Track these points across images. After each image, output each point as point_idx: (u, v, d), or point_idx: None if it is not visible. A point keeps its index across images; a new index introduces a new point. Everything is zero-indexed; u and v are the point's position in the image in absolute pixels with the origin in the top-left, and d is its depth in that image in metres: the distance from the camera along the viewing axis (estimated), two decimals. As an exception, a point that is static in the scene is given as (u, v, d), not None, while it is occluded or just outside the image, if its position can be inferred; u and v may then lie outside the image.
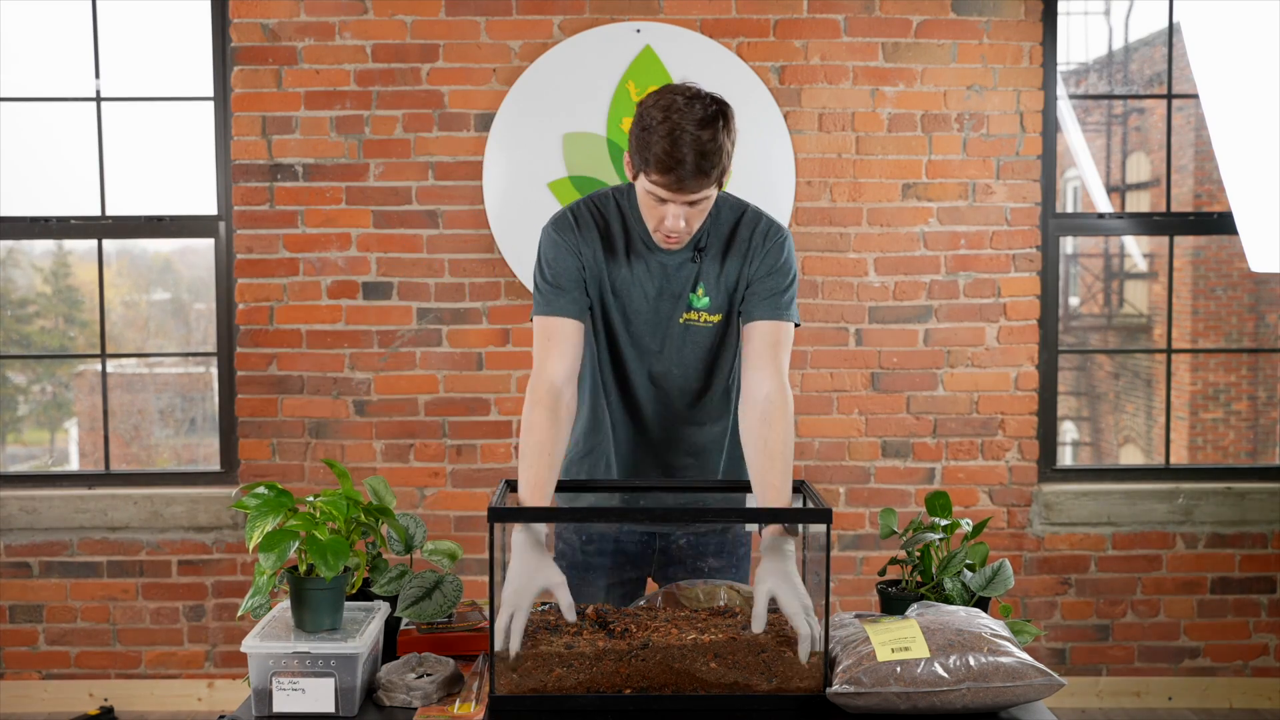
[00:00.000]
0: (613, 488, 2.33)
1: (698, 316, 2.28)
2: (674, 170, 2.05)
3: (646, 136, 2.07)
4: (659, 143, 2.05)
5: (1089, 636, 4.22)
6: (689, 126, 2.04)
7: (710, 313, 2.28)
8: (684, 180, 2.06)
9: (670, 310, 2.28)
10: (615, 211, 2.28)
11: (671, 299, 2.28)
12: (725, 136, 2.08)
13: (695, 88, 2.11)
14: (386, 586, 2.12)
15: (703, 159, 2.05)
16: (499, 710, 1.83)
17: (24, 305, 10.96)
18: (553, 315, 2.23)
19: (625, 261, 2.27)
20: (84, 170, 4.30)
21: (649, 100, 2.12)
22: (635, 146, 2.12)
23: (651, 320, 2.29)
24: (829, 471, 4.15)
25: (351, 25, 4.06)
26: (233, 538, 4.14)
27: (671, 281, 2.27)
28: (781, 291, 2.25)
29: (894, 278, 4.12)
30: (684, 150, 2.04)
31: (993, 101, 4.08)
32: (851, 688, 1.80)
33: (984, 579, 2.13)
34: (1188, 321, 10.27)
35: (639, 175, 2.14)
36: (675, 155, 2.04)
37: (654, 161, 2.06)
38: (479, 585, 3.64)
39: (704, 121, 2.05)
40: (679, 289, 2.27)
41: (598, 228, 2.27)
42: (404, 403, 4.13)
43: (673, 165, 2.05)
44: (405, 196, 4.09)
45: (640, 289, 2.27)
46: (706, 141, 2.05)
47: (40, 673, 4.19)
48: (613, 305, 2.29)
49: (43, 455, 11.41)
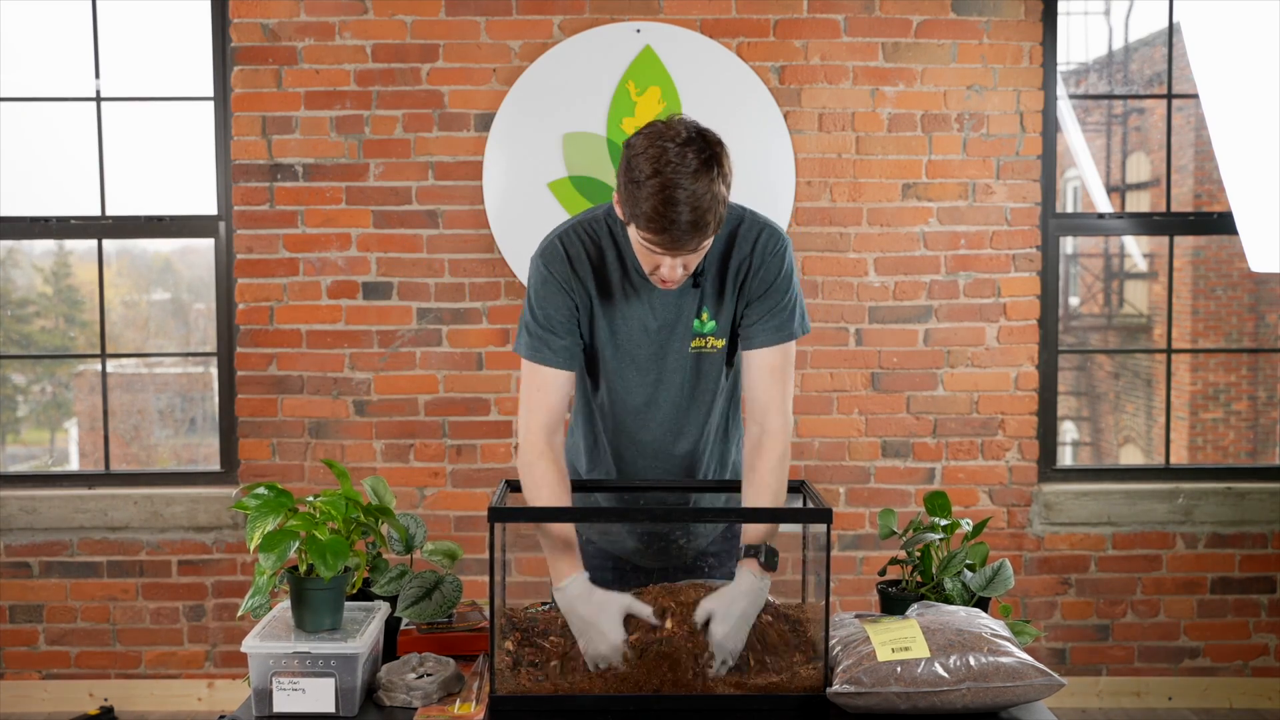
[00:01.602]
0: (613, 488, 2.32)
1: (705, 343, 2.18)
2: (668, 231, 1.91)
3: (636, 191, 1.93)
4: (650, 200, 1.90)
5: (1089, 636, 4.22)
6: (683, 182, 1.89)
7: (717, 337, 2.18)
8: (679, 240, 1.93)
9: (668, 339, 2.18)
10: (609, 239, 2.15)
11: (673, 329, 2.17)
12: (720, 183, 1.94)
13: (685, 130, 1.95)
14: (386, 586, 2.12)
15: (698, 216, 1.91)
16: (499, 710, 1.83)
17: (24, 305, 10.96)
18: (542, 365, 2.14)
19: (621, 293, 2.15)
20: (84, 170, 4.30)
21: (637, 146, 1.95)
22: (625, 198, 1.97)
23: (654, 353, 2.19)
24: (829, 471, 4.15)
25: (351, 25, 4.06)
26: (233, 538, 4.14)
27: (673, 310, 2.16)
28: (782, 309, 2.15)
29: (894, 278, 4.12)
30: (679, 210, 1.89)
31: (993, 101, 4.08)
32: (852, 688, 1.80)
33: (984, 579, 2.13)
34: (1188, 321, 10.27)
35: (630, 225, 2.00)
36: (669, 216, 1.90)
37: (645, 220, 1.93)
38: (479, 585, 3.64)
39: (697, 174, 1.90)
40: (682, 317, 2.16)
41: (590, 259, 2.14)
42: (404, 403, 4.13)
43: (667, 226, 1.91)
44: (405, 196, 4.09)
45: (639, 322, 2.17)
46: (702, 196, 1.90)
47: (40, 673, 4.19)
48: (607, 340, 2.19)
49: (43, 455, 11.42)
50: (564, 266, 2.14)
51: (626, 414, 2.26)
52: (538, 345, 2.15)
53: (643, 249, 2.01)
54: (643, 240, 1.97)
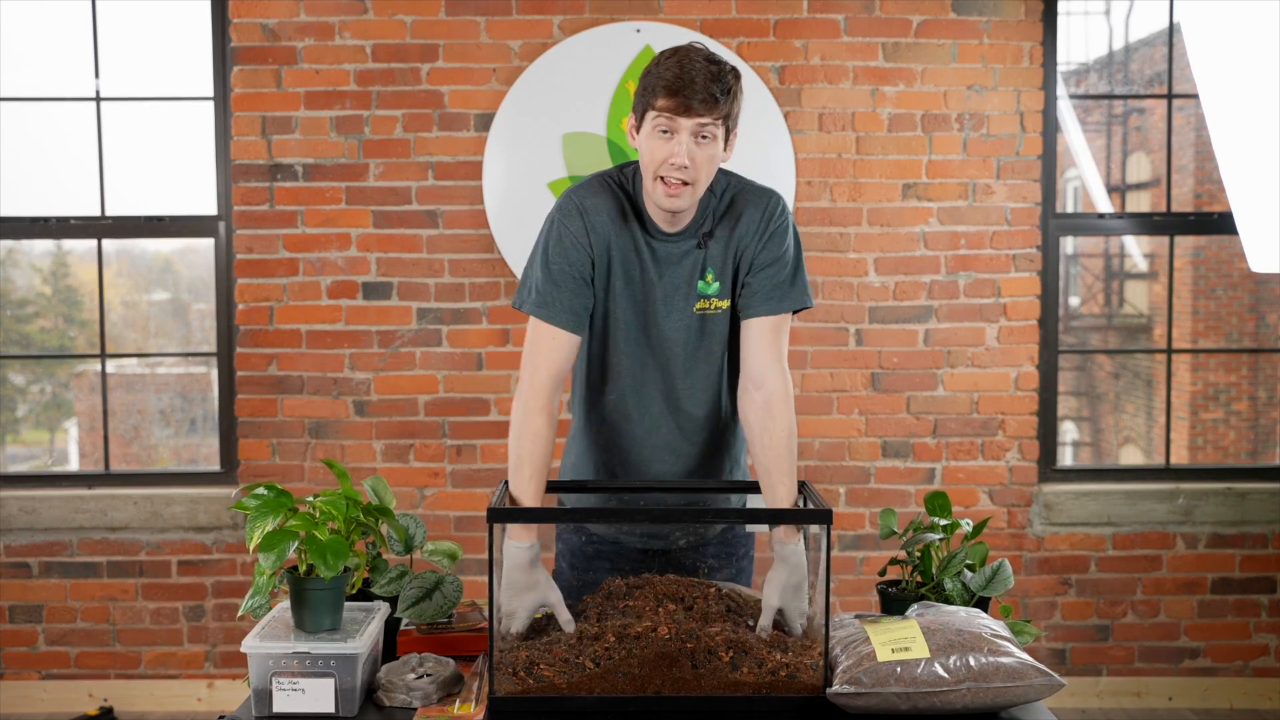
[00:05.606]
0: (613, 488, 2.32)
1: (709, 304, 2.21)
2: (683, 91, 2.02)
3: (654, 69, 2.07)
4: (668, 69, 2.04)
5: (1089, 636, 4.22)
6: (698, 59, 2.05)
7: (720, 298, 2.21)
8: (692, 100, 2.03)
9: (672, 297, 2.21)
10: (623, 195, 2.20)
11: (677, 288, 2.21)
12: (734, 81, 2.07)
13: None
14: (386, 587, 2.11)
15: (712, 81, 2.03)
16: (499, 710, 1.83)
17: (24, 305, 10.95)
18: (549, 324, 2.16)
19: (633, 252, 2.19)
20: (84, 170, 4.30)
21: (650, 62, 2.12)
22: (641, 88, 2.09)
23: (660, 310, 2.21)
24: (829, 472, 4.15)
25: (351, 25, 4.06)
26: (233, 538, 4.14)
27: (678, 270, 2.20)
28: (783, 281, 2.19)
29: (894, 278, 4.11)
30: (694, 73, 2.02)
31: (993, 101, 4.08)
32: (852, 688, 1.79)
33: (984, 579, 2.13)
34: (1188, 321, 10.27)
35: (645, 113, 2.09)
36: (684, 76, 2.02)
37: (661, 86, 2.04)
38: (479, 585, 3.64)
39: (712, 58, 2.07)
40: (687, 278, 2.20)
41: (607, 214, 2.18)
42: (404, 403, 4.13)
43: (682, 85, 2.02)
44: (405, 196, 4.09)
45: (647, 278, 2.20)
46: (714, 68, 2.04)
47: (40, 673, 4.19)
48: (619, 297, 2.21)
49: (42, 455, 11.41)
50: (579, 222, 2.18)
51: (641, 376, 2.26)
52: (545, 299, 2.16)
53: (654, 138, 2.07)
54: (657, 114, 2.05)
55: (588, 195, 2.20)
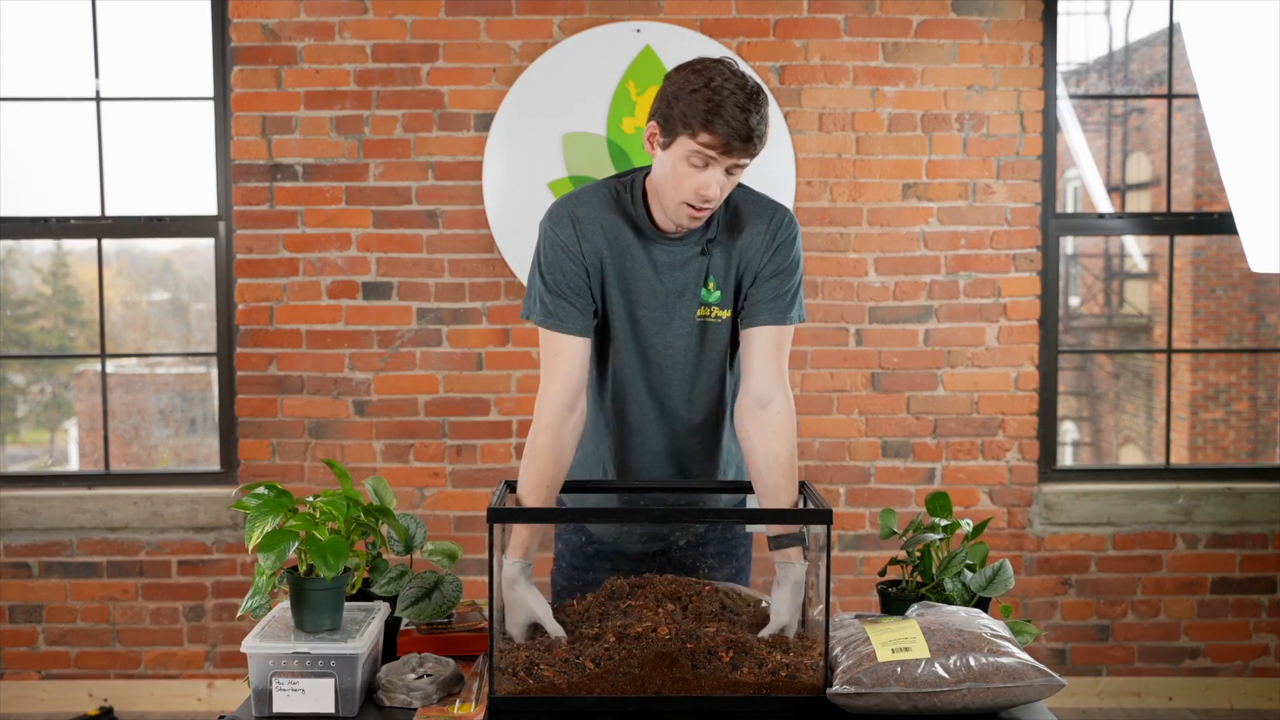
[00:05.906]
0: (613, 488, 2.32)
1: (710, 312, 2.20)
2: (727, 133, 1.99)
3: (689, 99, 2.00)
4: (706, 98, 1.99)
5: (1089, 636, 4.22)
6: (739, 92, 2.00)
7: (721, 307, 2.20)
8: (734, 142, 2.00)
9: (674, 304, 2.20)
10: (617, 204, 2.18)
11: (679, 295, 2.20)
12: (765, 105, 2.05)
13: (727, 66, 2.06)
14: (386, 587, 2.11)
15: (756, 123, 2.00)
16: (499, 710, 1.83)
17: (23, 305, 10.96)
18: (557, 332, 2.16)
19: (630, 258, 2.18)
20: (84, 170, 4.30)
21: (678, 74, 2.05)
22: (677, 111, 2.02)
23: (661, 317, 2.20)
24: (829, 472, 4.15)
25: (351, 25, 4.06)
26: (233, 538, 4.14)
27: (680, 277, 2.19)
28: (786, 293, 2.18)
29: (894, 278, 4.11)
30: (737, 111, 1.98)
31: (993, 101, 4.08)
32: (852, 688, 1.79)
33: (984, 579, 2.13)
34: (1188, 321, 10.27)
35: (678, 139, 2.04)
36: (729, 119, 1.98)
37: (701, 121, 1.99)
38: (479, 585, 3.64)
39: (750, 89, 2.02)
40: (689, 285, 2.19)
41: (599, 223, 2.17)
42: (404, 403, 4.13)
43: (728, 129, 1.99)
44: (405, 196, 4.09)
45: (647, 285, 2.19)
46: (756, 98, 2.01)
47: (40, 673, 4.19)
48: (616, 302, 2.20)
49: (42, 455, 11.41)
50: (570, 230, 2.17)
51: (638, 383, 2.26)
52: (550, 310, 2.17)
53: (685, 168, 2.04)
54: (697, 147, 2.01)
55: (579, 204, 2.20)
